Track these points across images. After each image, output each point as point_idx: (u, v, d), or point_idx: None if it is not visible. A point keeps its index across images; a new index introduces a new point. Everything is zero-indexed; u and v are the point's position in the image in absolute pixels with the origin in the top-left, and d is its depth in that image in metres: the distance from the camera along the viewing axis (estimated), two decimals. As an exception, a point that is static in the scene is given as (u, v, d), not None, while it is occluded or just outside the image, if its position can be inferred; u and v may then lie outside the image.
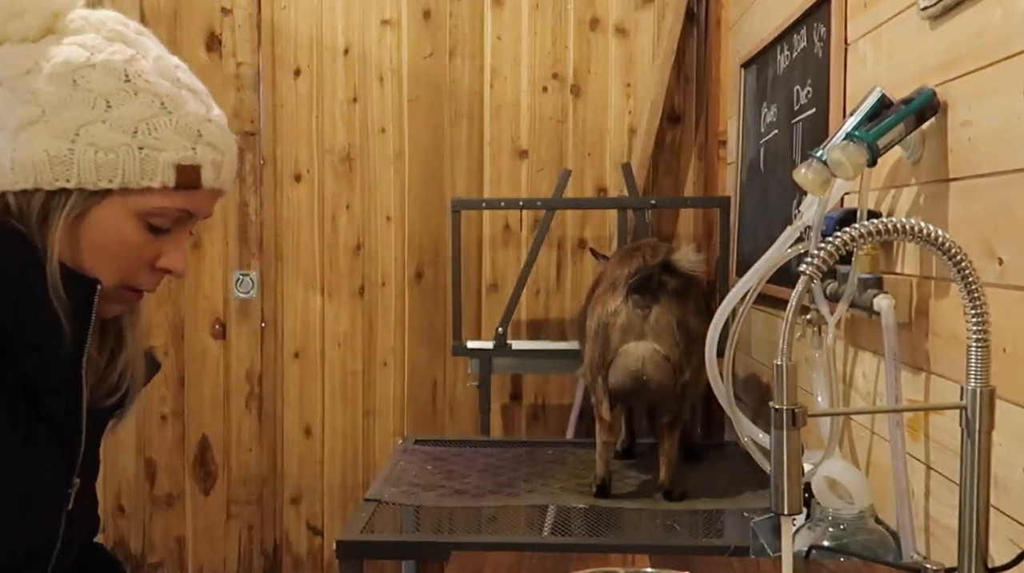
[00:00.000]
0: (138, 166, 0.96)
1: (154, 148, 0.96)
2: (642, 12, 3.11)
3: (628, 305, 2.02)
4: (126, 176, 0.96)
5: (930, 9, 1.44)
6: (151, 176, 0.96)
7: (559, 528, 1.95)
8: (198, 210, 1.03)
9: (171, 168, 0.97)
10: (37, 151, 0.94)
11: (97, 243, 0.97)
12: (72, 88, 0.95)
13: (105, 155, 0.95)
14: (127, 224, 0.98)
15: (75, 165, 0.94)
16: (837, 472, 1.51)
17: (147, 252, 1.01)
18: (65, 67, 0.96)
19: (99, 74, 0.96)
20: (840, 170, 1.44)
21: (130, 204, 0.97)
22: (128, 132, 0.96)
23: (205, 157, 1.00)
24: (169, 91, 0.99)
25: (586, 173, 3.13)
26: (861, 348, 1.78)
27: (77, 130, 0.94)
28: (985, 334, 1.05)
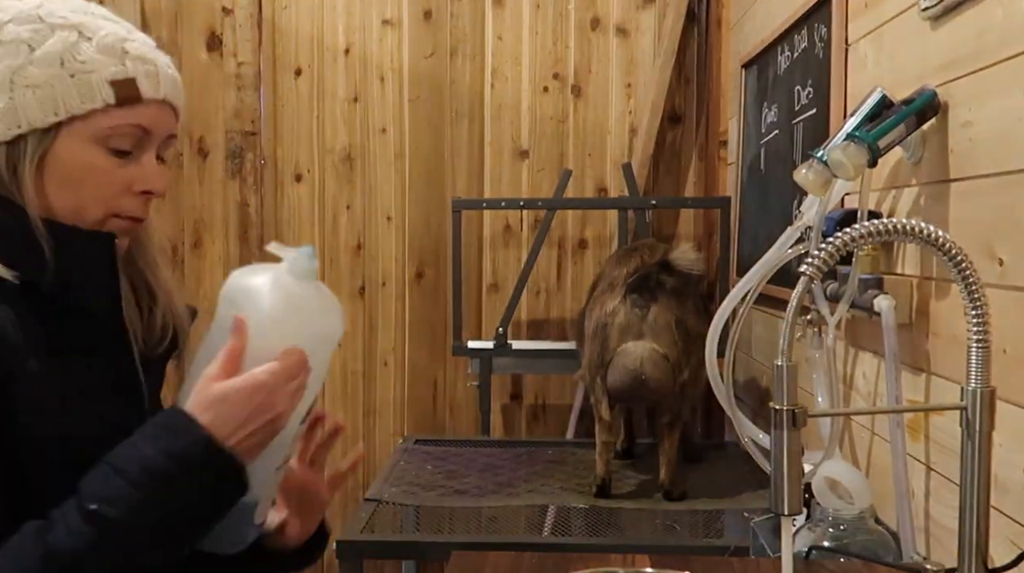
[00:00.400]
0: (75, 91, 1.00)
1: (84, 71, 1.00)
2: (643, 12, 3.11)
3: (626, 305, 2.02)
4: (68, 104, 0.99)
5: (931, 10, 1.44)
6: (90, 98, 1.00)
7: (559, 528, 1.95)
8: (152, 125, 1.05)
9: (106, 86, 1.01)
10: None
11: (67, 178, 1.01)
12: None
13: (42, 91, 0.99)
14: (88, 151, 1.01)
15: (19, 110, 0.99)
16: (837, 472, 1.51)
17: (119, 177, 1.03)
18: None
19: (15, 25, 1.00)
20: (841, 171, 1.44)
21: (83, 131, 1.01)
22: (56, 65, 1.00)
23: (137, 69, 1.03)
24: (83, 20, 1.03)
25: (587, 173, 3.13)
26: (861, 348, 1.78)
27: (11, 78, 0.99)
28: (985, 335, 1.05)
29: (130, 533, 0.90)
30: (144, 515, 0.90)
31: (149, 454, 0.92)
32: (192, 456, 0.92)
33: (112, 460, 0.92)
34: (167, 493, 0.91)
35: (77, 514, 0.90)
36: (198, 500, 0.94)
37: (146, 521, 0.91)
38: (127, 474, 0.91)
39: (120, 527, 0.89)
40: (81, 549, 0.88)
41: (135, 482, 0.90)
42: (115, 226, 1.05)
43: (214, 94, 3.12)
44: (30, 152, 0.99)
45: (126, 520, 0.90)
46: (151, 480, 0.91)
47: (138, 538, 0.91)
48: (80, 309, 1.02)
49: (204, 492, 0.94)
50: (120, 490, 0.90)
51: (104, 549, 0.89)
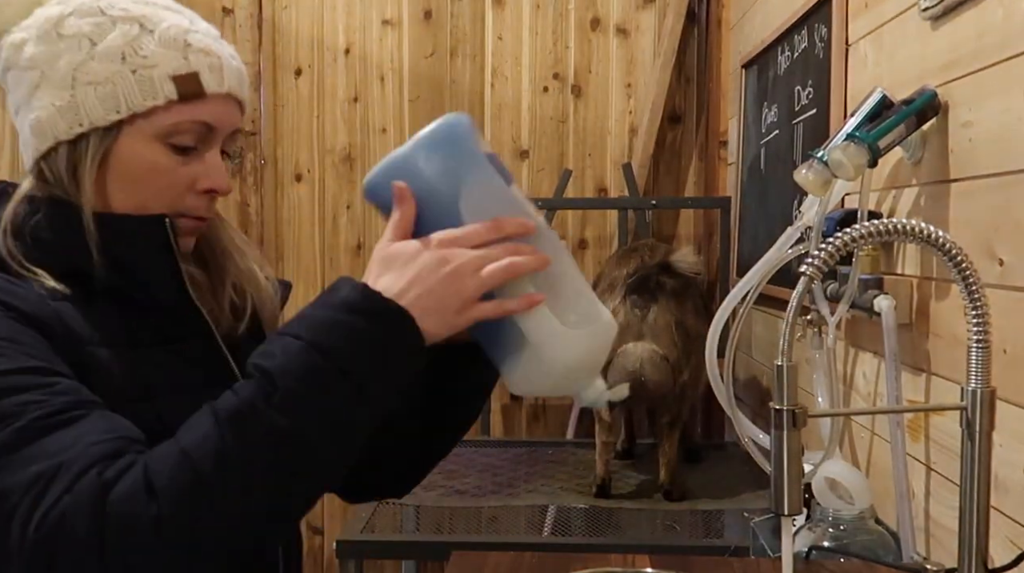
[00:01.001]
0: (136, 89, 0.97)
1: (145, 67, 0.97)
2: (643, 12, 3.11)
3: (626, 305, 2.02)
4: (129, 102, 0.96)
5: (931, 10, 1.44)
6: (152, 95, 0.97)
7: (559, 528, 1.95)
8: (216, 120, 1.02)
9: (168, 81, 0.97)
10: (46, 108, 0.97)
11: (130, 177, 0.99)
12: (58, 40, 0.97)
13: (104, 88, 0.96)
14: (151, 150, 0.99)
15: (81, 107, 0.96)
16: (837, 473, 1.51)
17: (182, 175, 1.01)
18: (47, 24, 0.98)
19: (76, 18, 0.98)
20: (841, 171, 1.44)
21: (145, 129, 0.98)
22: (117, 60, 0.97)
23: (200, 63, 0.99)
24: (145, 12, 1.00)
25: (587, 173, 3.13)
26: (861, 349, 1.78)
27: (73, 75, 0.96)
28: (985, 335, 1.05)
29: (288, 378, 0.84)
30: (302, 361, 0.84)
31: (309, 311, 0.89)
32: (351, 302, 0.88)
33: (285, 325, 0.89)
34: (328, 340, 0.85)
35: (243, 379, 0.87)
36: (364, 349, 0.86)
37: (312, 367, 0.84)
38: (289, 329, 0.87)
39: (279, 373, 0.84)
40: (244, 399, 0.84)
41: (295, 333, 0.86)
42: (180, 226, 1.03)
43: (214, 94, 3.11)
44: (92, 151, 0.97)
45: (284, 366, 0.84)
46: (310, 329, 0.86)
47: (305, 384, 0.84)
48: (149, 300, 1.00)
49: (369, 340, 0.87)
50: (283, 341, 0.86)
51: (267, 398, 0.83)
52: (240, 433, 0.83)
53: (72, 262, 0.97)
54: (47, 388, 0.86)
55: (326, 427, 0.85)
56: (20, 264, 0.96)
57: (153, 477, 0.80)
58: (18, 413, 0.83)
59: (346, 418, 0.87)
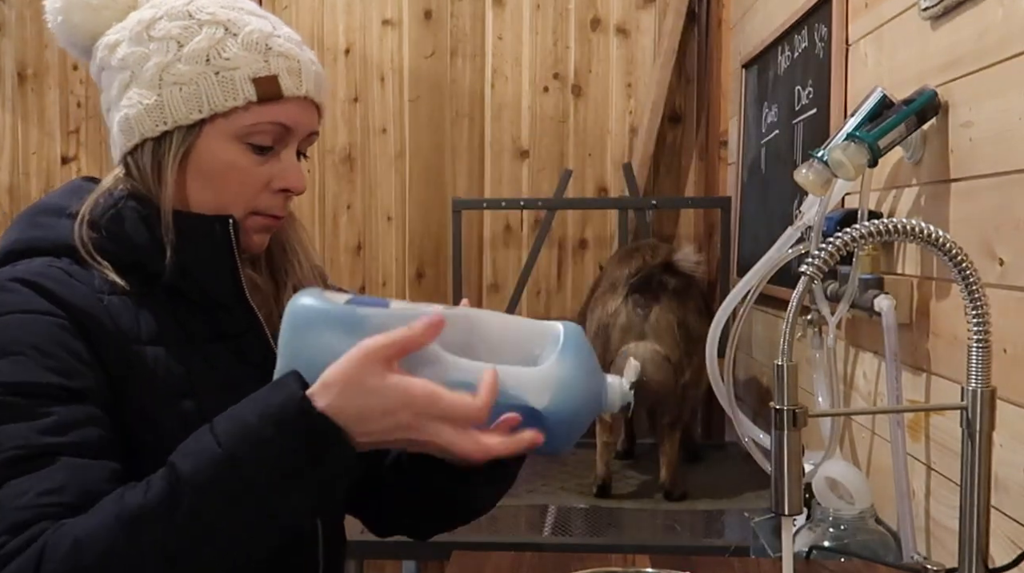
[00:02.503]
0: (219, 89, 1.01)
1: (228, 68, 1.01)
2: (643, 12, 3.11)
3: (628, 305, 2.02)
4: (212, 102, 1.01)
5: (931, 9, 1.44)
6: (233, 96, 1.01)
7: (559, 528, 1.95)
8: (294, 122, 1.05)
9: (249, 83, 1.01)
10: (134, 107, 1.02)
11: (209, 175, 1.03)
12: (148, 42, 1.03)
13: (188, 88, 1.01)
14: (230, 149, 1.02)
15: (167, 107, 1.01)
16: (838, 472, 1.51)
17: (260, 174, 1.04)
18: (139, 26, 1.04)
19: (166, 21, 1.03)
20: (841, 171, 1.44)
21: (226, 128, 1.02)
22: (201, 62, 1.01)
23: (279, 66, 1.03)
24: (231, 16, 1.04)
25: (587, 173, 3.13)
26: (862, 348, 1.78)
27: (161, 75, 1.01)
28: (986, 335, 1.05)
29: (200, 492, 0.82)
30: (221, 473, 0.82)
31: (240, 411, 0.86)
32: (285, 415, 0.83)
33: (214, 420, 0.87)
34: (249, 451, 0.83)
35: (162, 470, 0.85)
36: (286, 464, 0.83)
37: (222, 480, 0.82)
38: (215, 428, 0.85)
39: (189, 484, 0.82)
40: (150, 504, 0.83)
41: (219, 438, 0.84)
42: (254, 224, 1.06)
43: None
44: (174, 149, 1.01)
45: (196, 477, 0.82)
46: (234, 435, 0.84)
47: (210, 499, 0.82)
48: (206, 297, 1.03)
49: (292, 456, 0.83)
50: (203, 444, 0.84)
51: (172, 507, 0.82)
52: (134, 538, 0.82)
53: (136, 256, 1.01)
54: (37, 419, 0.88)
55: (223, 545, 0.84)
56: (89, 253, 0.99)
57: (44, 562, 0.82)
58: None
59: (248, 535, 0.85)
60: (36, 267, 0.98)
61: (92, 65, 1.09)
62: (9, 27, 3.11)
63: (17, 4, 3.11)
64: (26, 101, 3.13)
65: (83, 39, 1.08)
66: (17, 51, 3.12)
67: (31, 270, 0.97)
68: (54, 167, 3.13)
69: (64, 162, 3.14)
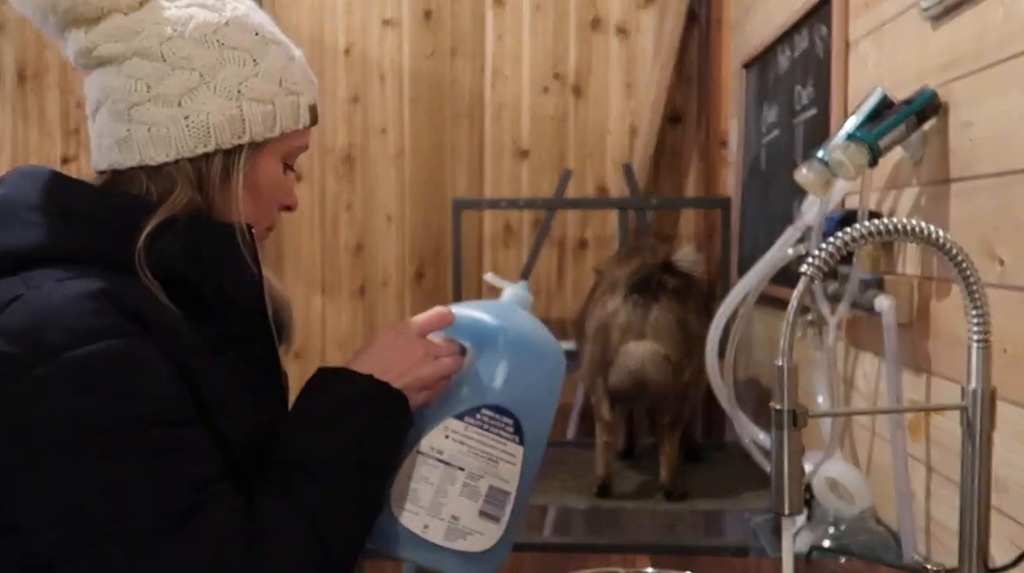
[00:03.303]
0: (289, 112, 1.04)
1: (294, 93, 1.05)
2: (643, 12, 3.11)
3: (628, 305, 2.02)
4: (284, 123, 1.03)
5: (931, 9, 1.44)
6: (296, 119, 1.05)
7: (559, 528, 1.95)
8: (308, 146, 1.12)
9: (307, 110, 1.06)
10: (213, 114, 0.99)
11: (257, 189, 1.05)
12: (220, 49, 1.01)
13: (265, 107, 1.02)
14: (275, 167, 1.06)
15: (246, 121, 1.01)
16: (838, 473, 1.51)
17: (283, 192, 1.09)
18: (205, 28, 1.00)
19: (234, 31, 1.02)
20: (841, 170, 1.44)
21: (280, 148, 1.05)
22: (276, 82, 1.03)
23: (314, 94, 1.08)
24: (282, 39, 1.07)
25: (587, 173, 3.13)
26: (862, 349, 1.78)
27: (239, 88, 1.01)
28: (986, 334, 1.05)
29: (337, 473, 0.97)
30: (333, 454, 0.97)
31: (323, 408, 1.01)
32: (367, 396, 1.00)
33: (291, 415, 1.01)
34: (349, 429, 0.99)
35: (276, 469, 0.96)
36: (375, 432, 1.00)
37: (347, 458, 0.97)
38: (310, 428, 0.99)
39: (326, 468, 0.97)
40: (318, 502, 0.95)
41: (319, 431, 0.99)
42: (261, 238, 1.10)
43: (214, 94, 3.11)
44: (242, 163, 1.02)
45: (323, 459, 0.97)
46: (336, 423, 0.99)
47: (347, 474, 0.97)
48: (231, 305, 1.04)
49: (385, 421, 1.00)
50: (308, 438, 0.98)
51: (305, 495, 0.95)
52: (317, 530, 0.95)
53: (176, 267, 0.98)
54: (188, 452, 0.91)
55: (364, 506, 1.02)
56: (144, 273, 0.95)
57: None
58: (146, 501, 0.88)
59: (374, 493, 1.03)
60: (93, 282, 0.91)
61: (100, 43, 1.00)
62: (9, 27, 3.11)
63: (17, 4, 3.11)
64: (26, 101, 3.13)
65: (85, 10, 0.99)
66: (17, 51, 3.12)
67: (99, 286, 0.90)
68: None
69: (64, 162, 3.14)
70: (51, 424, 0.85)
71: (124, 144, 0.99)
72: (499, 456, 1.00)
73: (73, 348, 0.86)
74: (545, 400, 1.06)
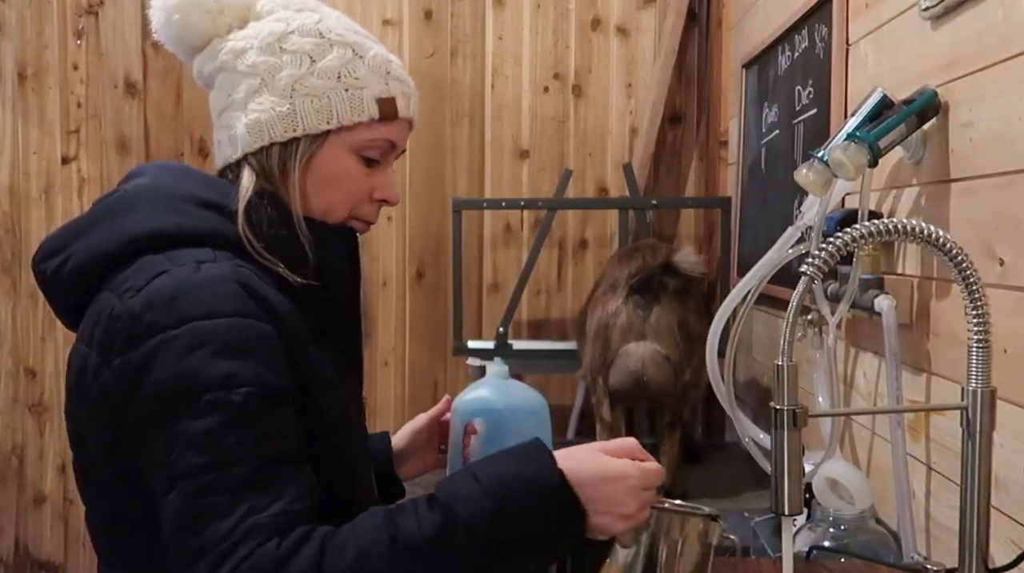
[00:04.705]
0: (347, 105, 1.12)
1: (356, 87, 1.12)
2: (643, 12, 3.11)
3: (628, 306, 2.02)
4: (340, 115, 1.11)
5: (931, 9, 1.44)
6: (359, 112, 1.12)
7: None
8: (398, 140, 1.17)
9: (373, 102, 1.13)
10: (266, 111, 1.11)
11: (325, 181, 1.13)
12: (281, 54, 1.12)
13: (320, 101, 1.11)
14: (346, 159, 1.13)
15: (298, 115, 1.11)
16: (838, 472, 1.51)
17: (365, 184, 1.16)
18: (271, 38, 1.13)
19: (298, 37, 1.13)
20: (841, 171, 1.44)
21: (346, 141, 1.13)
22: (333, 78, 1.12)
23: (396, 89, 1.15)
24: (356, 39, 1.15)
25: (587, 173, 3.13)
26: (862, 348, 1.78)
27: (293, 86, 1.11)
28: (986, 335, 1.05)
29: (471, 534, 0.95)
30: (486, 524, 0.96)
31: (504, 471, 0.99)
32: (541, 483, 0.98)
33: (473, 467, 1.01)
34: (512, 511, 0.97)
35: (427, 505, 0.97)
36: (538, 529, 0.98)
37: (487, 530, 0.96)
38: (482, 482, 0.98)
39: (463, 526, 0.95)
40: (426, 535, 0.94)
41: (486, 490, 0.97)
42: (354, 228, 1.18)
43: (215, 94, 3.11)
44: (300, 154, 1.11)
45: (470, 521, 0.95)
46: (500, 493, 0.97)
47: (477, 543, 0.95)
48: (323, 295, 1.12)
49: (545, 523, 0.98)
50: (472, 493, 0.97)
51: (445, 543, 0.94)
52: (409, 564, 0.94)
53: (286, 255, 1.09)
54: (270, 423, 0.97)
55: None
56: (257, 251, 1.07)
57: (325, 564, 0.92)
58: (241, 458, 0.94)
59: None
60: (231, 267, 1.02)
61: (205, 64, 1.16)
62: (9, 27, 3.11)
63: (17, 4, 3.11)
64: (26, 101, 3.13)
65: (196, 39, 1.16)
66: (17, 51, 3.12)
67: (237, 272, 1.01)
68: (54, 167, 3.13)
69: (64, 162, 3.14)
70: (170, 379, 0.95)
71: (218, 147, 1.17)
72: None
73: (203, 318, 0.97)
74: (545, 436, 1.23)
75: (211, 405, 0.94)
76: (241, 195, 1.09)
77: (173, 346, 0.96)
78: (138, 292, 0.99)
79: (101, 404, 1.01)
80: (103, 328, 1.01)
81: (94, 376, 1.01)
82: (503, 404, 1.24)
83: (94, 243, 1.06)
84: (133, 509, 1.04)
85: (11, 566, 3.18)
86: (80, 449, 1.08)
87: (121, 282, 1.02)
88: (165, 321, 0.96)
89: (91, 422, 1.04)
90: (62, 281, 1.08)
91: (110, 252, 1.05)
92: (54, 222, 3.11)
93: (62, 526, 3.20)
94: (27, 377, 3.16)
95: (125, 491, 1.04)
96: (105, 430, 1.02)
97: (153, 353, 0.96)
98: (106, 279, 1.05)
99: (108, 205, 1.10)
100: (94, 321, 1.03)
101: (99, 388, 1.01)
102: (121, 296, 1.00)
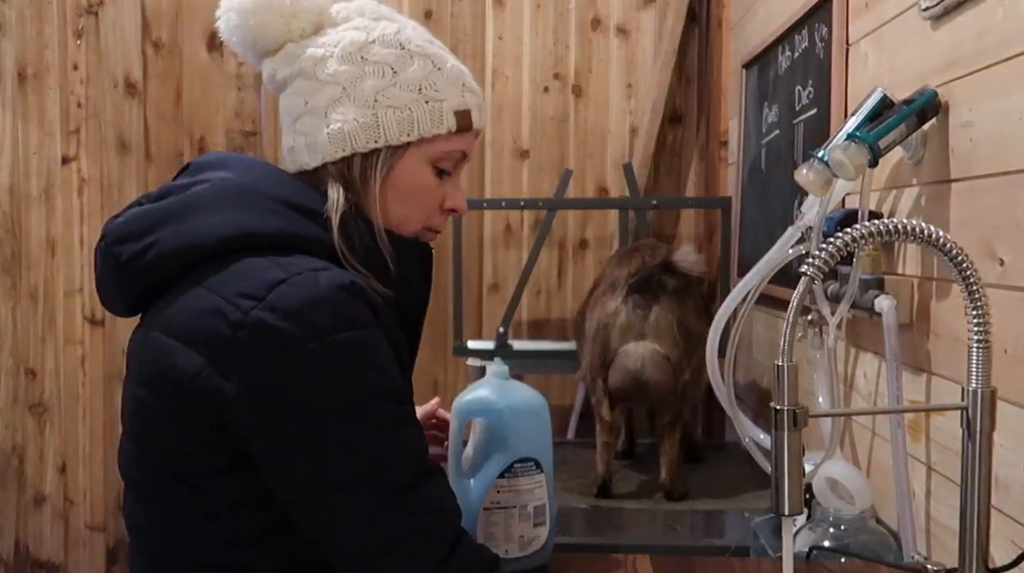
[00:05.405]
0: (428, 117, 1.13)
1: (437, 99, 1.14)
2: (644, 12, 3.11)
3: (628, 305, 2.02)
4: (421, 127, 1.13)
5: (932, 9, 1.44)
6: (439, 124, 1.14)
7: (559, 528, 1.95)
8: (469, 151, 1.19)
9: (451, 114, 1.14)
10: (348, 122, 1.12)
11: (403, 192, 1.15)
12: (363, 64, 1.13)
13: (402, 112, 1.12)
14: (423, 171, 1.15)
15: (380, 126, 1.12)
16: (838, 473, 1.51)
17: (438, 195, 1.18)
18: (352, 47, 1.13)
19: (379, 47, 1.14)
20: (841, 171, 1.44)
21: (424, 152, 1.14)
22: (415, 90, 1.13)
23: (472, 101, 1.17)
24: (433, 51, 1.16)
25: (587, 173, 3.13)
26: (862, 349, 1.78)
27: (376, 97, 1.12)
28: (986, 335, 1.05)
29: None
30: None
31: None
32: None
33: None
34: None
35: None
36: None
37: None
38: None
39: None
40: None
41: None
42: (423, 238, 1.21)
43: (214, 94, 3.11)
44: (380, 165, 1.13)
45: None
46: None
47: None
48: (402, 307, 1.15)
49: None
50: None
51: None
52: None
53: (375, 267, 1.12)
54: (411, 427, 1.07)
55: None
56: (351, 263, 1.09)
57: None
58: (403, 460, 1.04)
59: None
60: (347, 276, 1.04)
61: (279, 69, 1.16)
62: (9, 27, 3.11)
63: (17, 4, 3.11)
64: (26, 101, 3.13)
65: (270, 43, 1.16)
66: (17, 51, 3.12)
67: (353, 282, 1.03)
68: (54, 167, 3.13)
69: (64, 162, 3.14)
70: (315, 392, 0.99)
71: (290, 152, 1.17)
72: (533, 486, 1.26)
73: (339, 331, 1.00)
74: (545, 436, 1.29)
75: (360, 414, 1.00)
76: (335, 205, 1.10)
77: (315, 360, 0.98)
78: (260, 301, 0.99)
79: (201, 404, 1.01)
80: (215, 332, 1.00)
81: (195, 375, 1.01)
82: (503, 404, 1.26)
83: (183, 233, 1.05)
84: (194, 507, 1.05)
85: (11, 566, 3.19)
86: (143, 439, 1.08)
87: (223, 284, 1.02)
88: (302, 334, 0.98)
89: (176, 417, 1.03)
90: (141, 267, 1.07)
91: (202, 245, 1.04)
92: (54, 222, 3.11)
93: (62, 526, 3.20)
94: (27, 377, 3.17)
95: (195, 488, 1.05)
96: (198, 427, 1.03)
97: (293, 367, 0.98)
98: (191, 273, 1.05)
99: (190, 198, 1.08)
100: (191, 318, 1.02)
101: (204, 390, 1.00)
102: (235, 302, 1.00)
